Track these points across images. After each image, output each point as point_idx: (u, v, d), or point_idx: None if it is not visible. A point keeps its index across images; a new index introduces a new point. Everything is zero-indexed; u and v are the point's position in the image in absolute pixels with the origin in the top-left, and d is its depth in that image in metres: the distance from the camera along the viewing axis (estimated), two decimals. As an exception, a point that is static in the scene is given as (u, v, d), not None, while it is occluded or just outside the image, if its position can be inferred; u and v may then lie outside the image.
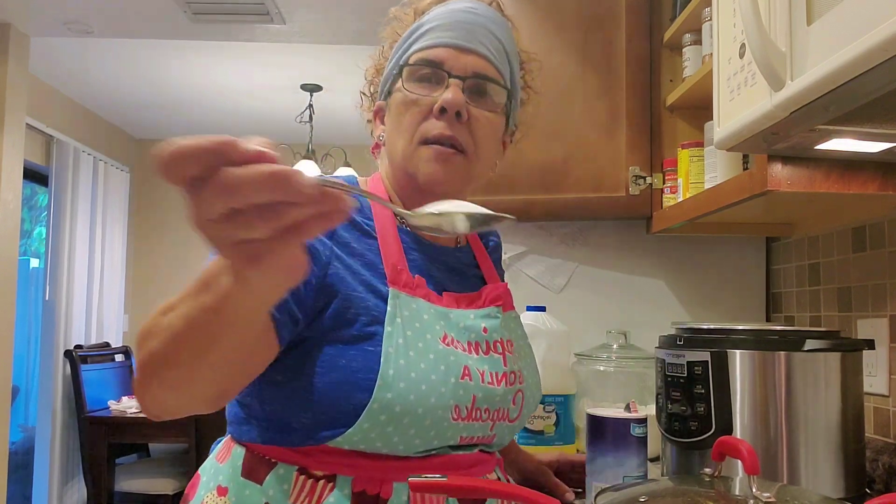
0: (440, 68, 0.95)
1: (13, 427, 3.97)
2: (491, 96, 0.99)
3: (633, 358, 1.65)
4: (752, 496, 0.81)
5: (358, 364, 0.85)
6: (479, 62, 0.97)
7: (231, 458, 0.93)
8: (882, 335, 1.37)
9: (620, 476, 1.11)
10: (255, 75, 4.37)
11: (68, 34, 3.63)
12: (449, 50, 0.95)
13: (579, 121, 1.84)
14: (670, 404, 1.20)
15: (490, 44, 0.98)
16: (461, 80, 0.95)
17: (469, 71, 0.96)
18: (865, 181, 1.15)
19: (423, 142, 0.94)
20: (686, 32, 1.71)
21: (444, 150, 0.94)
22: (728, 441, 0.90)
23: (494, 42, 0.99)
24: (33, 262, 5.43)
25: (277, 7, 3.28)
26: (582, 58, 1.85)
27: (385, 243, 0.93)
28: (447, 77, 0.95)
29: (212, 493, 0.93)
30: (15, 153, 3.69)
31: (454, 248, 1.06)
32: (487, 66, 0.98)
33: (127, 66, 4.29)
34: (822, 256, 1.61)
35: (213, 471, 0.96)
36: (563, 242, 1.92)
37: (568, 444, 1.65)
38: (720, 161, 1.50)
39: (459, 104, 0.94)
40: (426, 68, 0.95)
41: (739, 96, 1.03)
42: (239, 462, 0.91)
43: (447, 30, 0.96)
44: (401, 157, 0.96)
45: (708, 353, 1.15)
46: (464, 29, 0.96)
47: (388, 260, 0.92)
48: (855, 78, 0.78)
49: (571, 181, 1.82)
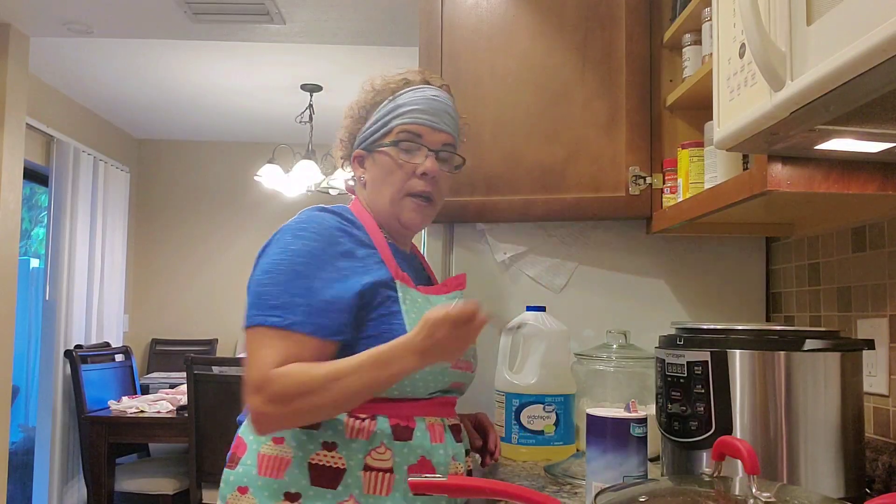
0: (419, 141, 1.33)
1: (13, 427, 3.97)
2: (451, 161, 1.39)
3: (633, 358, 1.65)
4: (751, 496, 0.81)
5: (390, 334, 1.19)
6: (445, 137, 1.36)
7: None
8: (882, 335, 1.37)
9: (620, 476, 1.11)
10: (255, 75, 4.37)
11: (68, 34, 3.63)
12: (426, 128, 1.33)
13: (579, 121, 1.84)
14: (670, 404, 1.21)
15: (450, 123, 1.37)
16: (434, 153, 1.34)
17: (439, 144, 1.35)
18: (865, 181, 1.15)
19: (408, 195, 1.33)
20: (686, 32, 1.71)
21: (422, 203, 1.34)
22: (728, 441, 0.90)
23: (451, 121, 1.38)
24: (33, 262, 5.43)
25: (277, 7, 3.28)
26: (582, 58, 1.85)
27: (383, 252, 1.28)
28: (425, 149, 1.33)
29: (267, 444, 1.22)
30: (15, 153, 3.69)
31: (411, 255, 1.44)
32: (450, 139, 1.37)
33: (127, 66, 4.29)
34: (822, 256, 1.61)
35: None
36: (563, 242, 1.92)
37: (568, 443, 1.65)
38: (720, 161, 1.50)
39: (436, 171, 1.33)
40: (409, 140, 1.32)
41: (739, 96, 1.03)
42: None
43: (423, 112, 1.33)
44: (388, 203, 1.33)
45: (708, 353, 1.15)
46: (435, 112, 1.34)
47: (390, 263, 1.27)
48: (855, 78, 0.78)
49: (571, 181, 1.82)
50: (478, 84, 1.89)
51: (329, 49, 3.88)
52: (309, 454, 1.19)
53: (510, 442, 1.64)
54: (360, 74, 1.27)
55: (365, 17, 3.38)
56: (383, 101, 1.35)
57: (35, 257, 5.44)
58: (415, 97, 1.33)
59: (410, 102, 1.32)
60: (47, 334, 4.41)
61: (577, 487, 1.37)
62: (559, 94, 1.85)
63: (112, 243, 5.12)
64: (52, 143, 4.53)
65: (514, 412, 1.64)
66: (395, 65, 1.45)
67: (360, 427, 1.20)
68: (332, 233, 1.23)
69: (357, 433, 1.20)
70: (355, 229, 1.27)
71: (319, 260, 1.19)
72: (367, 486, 1.18)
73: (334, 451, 1.19)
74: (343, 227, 1.25)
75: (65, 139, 4.58)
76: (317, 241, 1.21)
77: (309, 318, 1.15)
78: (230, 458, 1.27)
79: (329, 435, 1.20)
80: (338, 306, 1.18)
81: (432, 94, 1.35)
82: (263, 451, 1.21)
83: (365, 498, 1.18)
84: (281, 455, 1.20)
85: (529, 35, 1.88)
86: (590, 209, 1.82)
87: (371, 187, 1.35)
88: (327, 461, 1.19)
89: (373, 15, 3.36)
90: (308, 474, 1.18)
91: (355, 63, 4.07)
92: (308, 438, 1.20)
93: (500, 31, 1.89)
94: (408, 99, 1.33)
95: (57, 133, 4.53)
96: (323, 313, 1.16)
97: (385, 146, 1.32)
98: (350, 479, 1.19)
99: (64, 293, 4.48)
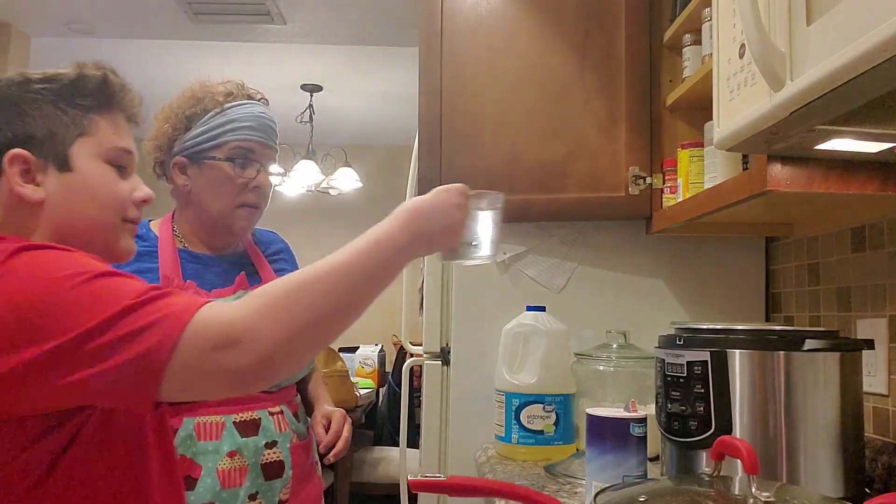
0: (252, 157, 1.42)
1: (13, 427, 3.97)
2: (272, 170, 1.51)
3: (633, 358, 1.65)
4: (751, 496, 0.81)
5: None
6: (272, 152, 1.47)
7: None
8: (881, 335, 1.37)
9: (620, 476, 1.11)
10: (255, 75, 4.36)
11: (68, 34, 3.63)
12: (258, 144, 1.42)
13: (579, 121, 1.84)
14: (670, 404, 1.21)
15: (275, 137, 1.49)
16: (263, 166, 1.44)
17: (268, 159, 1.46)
18: (865, 181, 1.15)
19: (240, 206, 1.41)
20: (686, 32, 1.71)
21: (253, 212, 1.44)
22: (728, 441, 0.90)
23: (276, 135, 1.49)
24: (33, 261, 5.43)
25: (277, 7, 3.28)
26: (581, 57, 1.85)
27: (164, 262, 1.36)
28: (258, 164, 1.43)
29: None
30: (15, 153, 3.69)
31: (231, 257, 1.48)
32: (274, 152, 1.48)
33: (127, 66, 4.28)
34: (822, 256, 1.61)
35: None
36: (563, 242, 1.92)
37: (568, 443, 1.65)
38: (720, 161, 1.50)
39: (268, 184, 1.45)
40: (243, 157, 1.40)
41: (739, 96, 1.03)
42: None
43: (255, 130, 1.42)
44: (217, 214, 1.41)
45: (708, 353, 1.15)
46: (264, 129, 1.44)
47: (163, 273, 1.35)
48: (855, 78, 0.78)
49: (571, 181, 1.82)
50: (478, 84, 1.89)
51: (329, 49, 3.88)
52: None
53: (510, 442, 1.64)
54: (360, 74, 1.27)
55: (365, 17, 3.38)
56: (208, 111, 1.40)
57: (35, 257, 5.44)
58: (245, 113, 1.42)
59: (242, 119, 1.40)
60: (47, 334, 4.41)
61: (577, 487, 1.37)
62: (559, 93, 1.85)
63: (112, 243, 5.11)
64: (52, 142, 4.53)
65: (514, 412, 1.64)
66: (395, 65, 1.46)
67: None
68: None
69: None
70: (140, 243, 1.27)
71: None
72: None
73: None
74: None
75: (65, 139, 4.59)
76: None
77: None
78: None
79: None
80: None
81: (259, 111, 1.45)
82: None
83: None
84: None
85: (529, 35, 1.88)
86: (590, 209, 1.82)
87: (198, 197, 1.41)
88: None
89: (373, 15, 3.36)
90: None
91: (355, 63, 4.07)
92: None
93: (500, 31, 1.89)
94: (238, 115, 1.41)
95: (57, 133, 4.53)
96: None
97: (217, 160, 1.40)
98: None
99: (64, 293, 4.48)
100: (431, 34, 1.92)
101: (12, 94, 0.92)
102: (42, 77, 0.95)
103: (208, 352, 0.76)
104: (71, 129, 0.93)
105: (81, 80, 0.96)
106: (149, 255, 1.36)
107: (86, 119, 0.95)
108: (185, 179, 1.41)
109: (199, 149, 1.39)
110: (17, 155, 0.90)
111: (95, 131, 0.95)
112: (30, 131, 0.91)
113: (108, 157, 0.96)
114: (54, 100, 0.93)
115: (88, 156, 0.94)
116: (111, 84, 0.99)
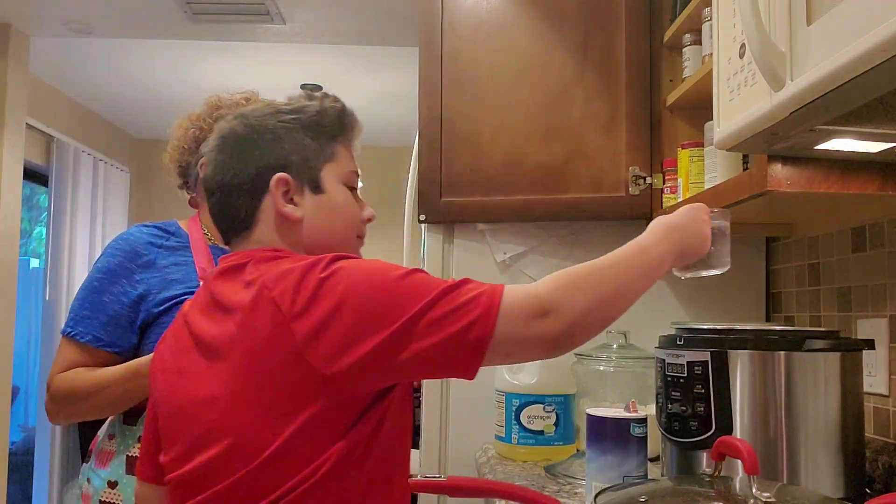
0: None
1: (13, 427, 3.97)
2: None
3: (633, 358, 1.65)
4: (751, 496, 0.81)
5: None
6: None
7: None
8: (882, 335, 1.37)
9: (620, 476, 1.11)
10: (255, 75, 4.36)
11: (68, 34, 3.63)
12: None
13: (579, 121, 1.84)
14: (670, 404, 1.21)
15: None
16: None
17: None
18: (865, 181, 1.15)
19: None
20: (686, 32, 1.71)
21: None
22: (728, 441, 0.90)
23: None
24: (33, 262, 5.43)
25: (277, 7, 3.28)
26: (582, 58, 1.85)
27: (198, 256, 1.42)
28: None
29: (104, 440, 1.42)
30: (15, 153, 3.69)
31: None
32: None
33: (127, 66, 4.28)
34: (822, 256, 1.61)
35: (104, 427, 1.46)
36: (563, 242, 1.92)
37: (568, 443, 1.65)
38: (720, 161, 1.50)
39: None
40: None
41: (739, 96, 1.03)
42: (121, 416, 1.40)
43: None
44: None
45: (708, 353, 1.15)
46: None
47: (199, 265, 1.41)
48: (855, 78, 0.78)
49: (571, 181, 1.82)
50: (478, 84, 1.89)
51: (329, 49, 3.88)
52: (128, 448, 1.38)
53: (510, 442, 1.64)
54: (360, 74, 1.28)
55: (365, 17, 3.37)
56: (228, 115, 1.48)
57: (35, 257, 5.44)
58: None
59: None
60: (47, 334, 4.41)
61: (578, 488, 1.37)
62: (559, 94, 1.85)
63: (112, 243, 5.12)
64: (51, 143, 4.53)
65: (514, 412, 1.64)
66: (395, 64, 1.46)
67: None
68: (136, 247, 1.40)
69: None
70: (172, 239, 1.44)
71: (115, 275, 1.38)
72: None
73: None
74: (153, 241, 1.42)
75: (65, 139, 4.58)
76: (117, 257, 1.39)
77: (92, 329, 1.35)
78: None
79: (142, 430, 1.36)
80: (118, 320, 1.36)
81: None
82: (102, 447, 1.42)
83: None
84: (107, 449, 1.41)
85: (529, 35, 1.88)
86: (590, 209, 1.82)
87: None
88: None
89: (373, 15, 3.36)
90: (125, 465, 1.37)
91: (355, 63, 4.07)
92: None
93: (500, 31, 1.89)
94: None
95: (57, 133, 4.52)
96: (104, 326, 1.35)
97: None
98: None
99: (64, 293, 4.48)
100: (431, 34, 1.92)
101: (268, 124, 1.04)
102: (290, 108, 1.06)
103: (527, 320, 0.88)
104: (319, 155, 1.06)
105: (324, 112, 1.07)
106: (183, 249, 1.44)
107: (329, 146, 1.07)
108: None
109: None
110: (282, 178, 1.02)
111: (338, 157, 1.08)
112: (287, 157, 1.03)
113: (346, 181, 1.09)
114: (303, 129, 1.05)
115: (334, 179, 1.07)
116: (348, 115, 1.10)
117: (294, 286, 0.89)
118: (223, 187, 1.03)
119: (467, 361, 0.88)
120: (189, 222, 1.51)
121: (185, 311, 1.04)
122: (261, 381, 0.90)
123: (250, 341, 0.90)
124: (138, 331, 1.37)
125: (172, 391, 1.00)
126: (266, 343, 0.89)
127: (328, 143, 1.07)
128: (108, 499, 1.35)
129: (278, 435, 0.88)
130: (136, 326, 1.37)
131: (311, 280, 0.89)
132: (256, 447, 0.89)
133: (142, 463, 1.09)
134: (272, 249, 1.00)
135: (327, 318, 0.87)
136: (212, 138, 1.07)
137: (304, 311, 0.88)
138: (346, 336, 0.87)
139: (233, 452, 0.91)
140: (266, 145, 1.03)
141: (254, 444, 0.89)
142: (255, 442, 0.89)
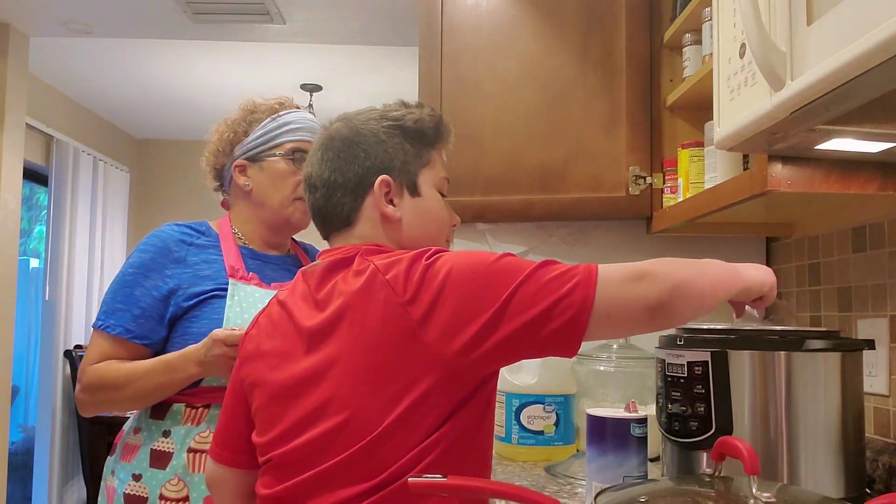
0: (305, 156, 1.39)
1: (13, 427, 3.97)
2: None
3: (633, 358, 1.65)
4: (752, 496, 0.81)
5: (209, 324, 1.35)
6: None
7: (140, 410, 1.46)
8: (882, 335, 1.37)
9: (620, 476, 1.11)
10: (255, 75, 4.37)
11: (68, 34, 3.63)
12: (309, 143, 1.44)
13: (579, 121, 1.84)
14: (670, 404, 1.20)
15: None
16: None
17: None
18: (865, 181, 1.15)
19: (297, 198, 1.49)
20: (686, 32, 1.71)
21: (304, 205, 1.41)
22: (728, 441, 0.90)
23: None
24: (33, 262, 5.43)
25: (277, 7, 3.28)
26: (582, 58, 1.85)
27: (227, 255, 1.47)
28: None
29: (130, 434, 1.44)
30: (15, 153, 3.69)
31: (285, 256, 1.58)
32: None
33: (127, 66, 4.28)
34: (822, 256, 1.60)
35: (130, 421, 1.48)
36: (563, 242, 1.92)
37: (568, 443, 1.65)
38: (720, 161, 1.50)
39: None
40: (297, 153, 1.50)
41: (739, 96, 1.03)
42: (147, 410, 1.42)
43: (307, 131, 1.52)
44: (278, 206, 1.50)
45: (708, 353, 1.15)
46: (314, 132, 1.50)
47: (228, 263, 1.45)
48: (855, 78, 0.78)
49: (571, 181, 1.82)
50: (478, 84, 1.89)
51: (329, 49, 3.88)
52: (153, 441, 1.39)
53: (510, 442, 1.64)
54: (360, 74, 1.29)
55: (365, 17, 3.38)
56: (263, 119, 1.54)
57: (35, 257, 5.44)
58: (298, 118, 1.55)
59: (295, 122, 1.53)
60: (47, 334, 4.41)
61: (578, 488, 1.37)
62: (559, 94, 1.85)
63: (112, 243, 5.11)
64: (51, 142, 4.53)
65: (514, 412, 1.64)
66: (395, 64, 1.47)
67: (193, 414, 1.39)
68: (168, 244, 1.44)
69: (191, 420, 1.39)
70: (203, 238, 1.48)
71: (147, 270, 1.41)
72: (191, 465, 1.35)
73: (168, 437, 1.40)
74: (184, 238, 1.46)
75: (64, 139, 4.58)
76: (149, 253, 1.43)
77: (124, 322, 1.39)
78: (113, 445, 1.50)
79: (169, 423, 1.39)
80: (149, 313, 1.39)
81: (309, 117, 1.57)
82: (128, 440, 1.44)
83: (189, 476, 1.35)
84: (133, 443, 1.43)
85: (529, 35, 1.88)
86: (590, 209, 1.82)
87: (259, 193, 1.52)
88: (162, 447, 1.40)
89: (373, 15, 3.36)
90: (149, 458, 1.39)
91: (355, 63, 4.07)
92: (156, 427, 1.40)
93: (500, 31, 1.89)
94: (292, 118, 1.54)
95: (57, 133, 4.52)
96: (136, 319, 1.39)
97: (276, 156, 1.51)
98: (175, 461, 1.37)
99: (64, 293, 4.48)
100: (431, 34, 1.92)
101: (373, 128, 1.10)
102: (392, 115, 1.12)
103: (625, 282, 0.92)
104: (418, 160, 1.11)
105: (423, 120, 1.12)
106: (214, 248, 1.48)
107: (426, 153, 1.12)
108: (245, 180, 1.53)
109: (259, 150, 1.52)
110: (385, 180, 1.08)
111: (433, 164, 1.13)
112: (390, 160, 1.09)
113: (439, 186, 1.14)
114: (403, 134, 1.10)
115: (429, 184, 1.12)
116: (444, 124, 1.15)
117: (405, 272, 0.95)
118: (328, 184, 1.09)
119: (572, 326, 0.91)
120: (219, 223, 1.56)
121: (283, 299, 1.09)
122: (375, 357, 0.94)
123: (366, 321, 0.95)
124: (168, 324, 1.40)
125: (274, 373, 1.03)
126: (381, 323, 0.94)
127: (425, 149, 1.12)
128: (132, 491, 1.37)
129: (391, 411, 0.92)
130: (167, 320, 1.40)
131: (419, 268, 0.95)
132: (370, 423, 0.92)
133: (219, 447, 1.12)
134: (375, 244, 1.05)
135: (435, 303, 0.92)
136: (317, 138, 1.14)
137: (414, 298, 0.93)
138: (454, 318, 0.92)
139: (346, 427, 0.94)
140: (371, 148, 1.08)
141: (368, 419, 0.93)
142: (369, 417, 0.93)
